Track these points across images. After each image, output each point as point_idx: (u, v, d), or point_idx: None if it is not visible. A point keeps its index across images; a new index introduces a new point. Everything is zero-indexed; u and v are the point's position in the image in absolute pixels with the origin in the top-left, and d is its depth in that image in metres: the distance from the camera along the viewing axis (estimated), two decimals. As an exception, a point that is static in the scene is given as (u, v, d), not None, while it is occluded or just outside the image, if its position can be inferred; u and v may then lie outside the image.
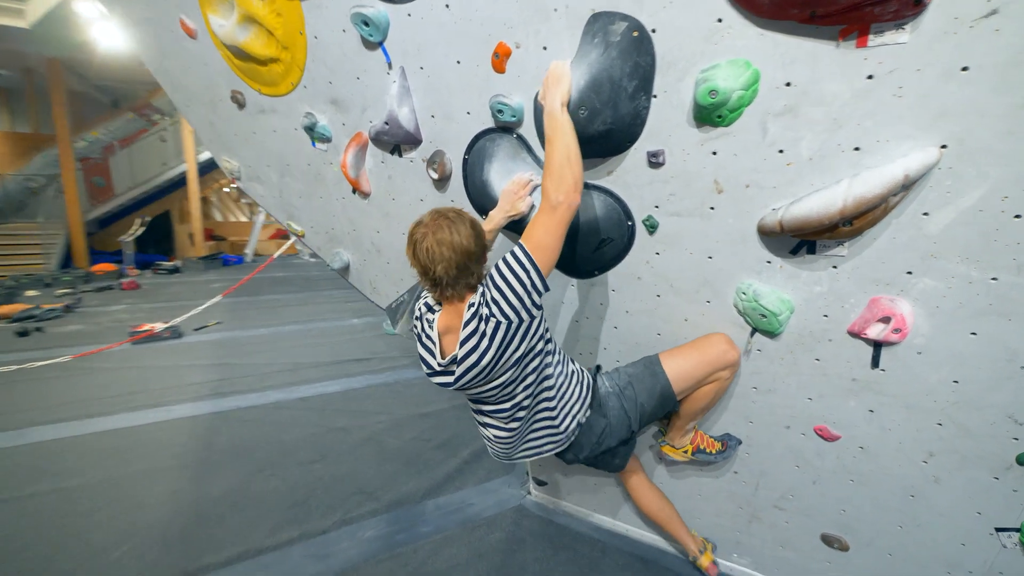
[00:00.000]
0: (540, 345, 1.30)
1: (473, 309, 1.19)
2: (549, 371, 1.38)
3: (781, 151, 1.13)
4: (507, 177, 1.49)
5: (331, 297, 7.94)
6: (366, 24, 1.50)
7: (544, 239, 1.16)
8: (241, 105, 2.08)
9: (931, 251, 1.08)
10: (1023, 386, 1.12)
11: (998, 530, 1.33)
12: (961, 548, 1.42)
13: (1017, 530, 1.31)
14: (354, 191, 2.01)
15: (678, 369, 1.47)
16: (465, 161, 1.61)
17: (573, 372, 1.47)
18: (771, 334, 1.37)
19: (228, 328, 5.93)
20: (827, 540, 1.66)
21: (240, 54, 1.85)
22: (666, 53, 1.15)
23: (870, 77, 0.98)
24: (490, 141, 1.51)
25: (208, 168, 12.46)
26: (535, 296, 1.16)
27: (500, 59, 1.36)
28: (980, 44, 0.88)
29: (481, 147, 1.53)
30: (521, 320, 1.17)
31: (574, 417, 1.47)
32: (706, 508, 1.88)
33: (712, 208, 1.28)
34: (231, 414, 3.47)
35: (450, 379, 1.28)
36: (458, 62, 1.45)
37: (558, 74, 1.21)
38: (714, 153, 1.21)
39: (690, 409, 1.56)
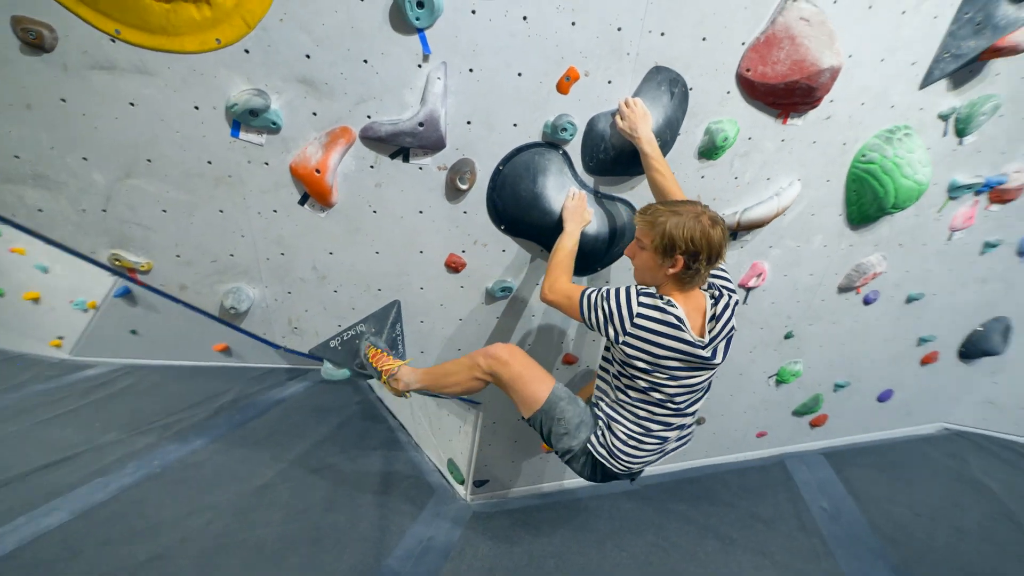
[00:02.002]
0: None
1: (724, 300, 1.33)
2: None
3: (736, 177, 1.81)
4: (562, 191, 1.60)
5: None
6: (421, 6, 1.25)
7: None
8: (42, 48, 1.15)
9: (782, 234, 2.02)
10: (755, 298, 2.24)
11: (768, 377, 2.56)
12: (729, 398, 2.60)
13: (776, 374, 2.55)
14: (303, 201, 1.50)
15: None
16: (499, 171, 1.57)
17: None
18: (704, 294, 2.09)
19: None
20: (697, 421, 2.61)
21: (112, -31, 1.07)
22: (694, 106, 1.62)
23: (783, 140, 1.77)
24: (539, 155, 1.56)
25: None
26: None
27: (569, 82, 1.47)
28: (827, 128, 1.78)
29: (528, 160, 1.56)
30: None
31: None
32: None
33: (691, 214, 1.86)
34: None
35: (707, 352, 1.30)
36: (519, 74, 1.43)
37: (644, 110, 1.48)
38: (703, 177, 1.78)
39: None
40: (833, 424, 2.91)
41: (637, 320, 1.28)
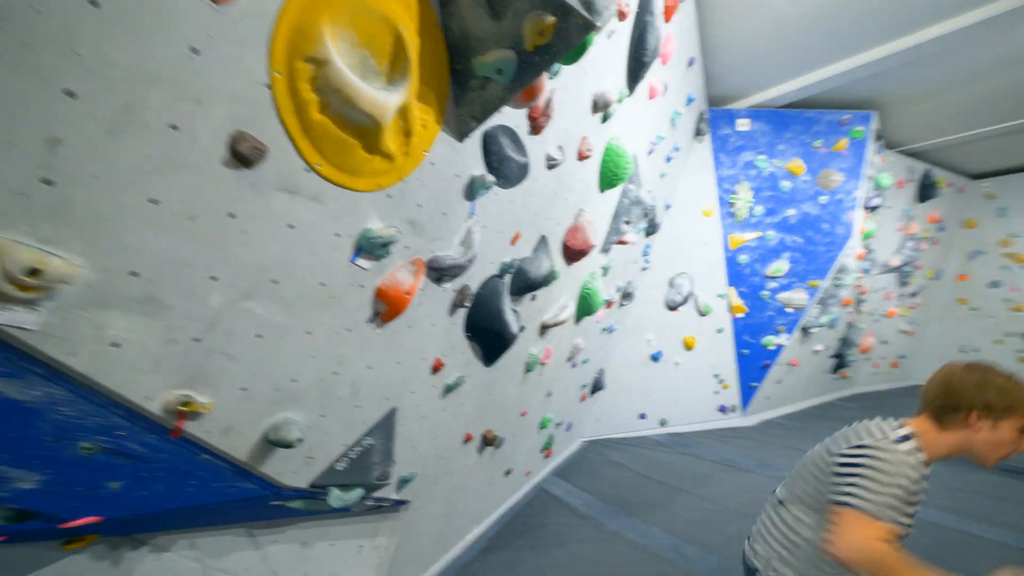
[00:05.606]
0: None
1: None
2: None
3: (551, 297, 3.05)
4: (507, 305, 2.33)
5: None
6: (487, 189, 1.87)
7: None
8: (245, 163, 1.06)
9: (559, 330, 3.38)
10: (546, 370, 3.63)
11: (536, 424, 3.78)
12: (519, 444, 3.75)
13: (540, 422, 3.81)
14: (371, 319, 1.62)
15: None
16: (479, 293, 2.17)
17: None
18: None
19: None
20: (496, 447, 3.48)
21: (354, 119, 1.22)
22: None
23: (569, 278, 3.17)
24: (498, 282, 2.28)
25: None
26: None
27: (516, 239, 2.33)
28: (580, 271, 3.31)
29: (495, 285, 2.24)
30: None
31: None
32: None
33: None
34: None
35: None
36: (501, 231, 2.18)
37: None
38: (534, 298, 2.91)
39: None
40: (554, 452, 4.43)
41: None
